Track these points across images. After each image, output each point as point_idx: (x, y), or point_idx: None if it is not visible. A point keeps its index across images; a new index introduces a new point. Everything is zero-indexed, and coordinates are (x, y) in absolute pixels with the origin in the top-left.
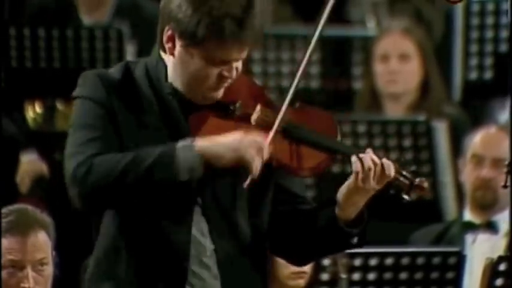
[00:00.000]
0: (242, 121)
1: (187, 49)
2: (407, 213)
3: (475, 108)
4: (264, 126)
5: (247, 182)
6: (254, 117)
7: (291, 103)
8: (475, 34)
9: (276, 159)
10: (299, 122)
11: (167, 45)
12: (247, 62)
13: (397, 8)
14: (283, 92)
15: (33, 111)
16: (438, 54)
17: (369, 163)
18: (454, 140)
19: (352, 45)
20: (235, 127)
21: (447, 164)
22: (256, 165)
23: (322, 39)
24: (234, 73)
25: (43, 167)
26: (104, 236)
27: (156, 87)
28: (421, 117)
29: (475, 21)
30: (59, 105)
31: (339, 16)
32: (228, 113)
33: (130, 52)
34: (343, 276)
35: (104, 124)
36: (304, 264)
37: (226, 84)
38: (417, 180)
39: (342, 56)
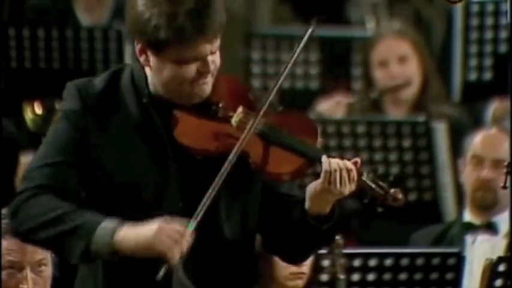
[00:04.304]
0: (223, 122)
1: (158, 57)
2: (407, 213)
3: (475, 109)
4: (244, 128)
5: (162, 271)
6: (235, 119)
7: (275, 107)
8: (474, 35)
9: (255, 163)
10: (280, 126)
11: (141, 59)
12: (247, 63)
13: (397, 8)
14: (283, 93)
15: (32, 112)
16: (438, 55)
17: (335, 165)
18: (454, 141)
19: (351, 46)
20: (215, 128)
21: (447, 165)
22: (173, 255)
23: (322, 39)
24: (211, 67)
25: None
26: None
27: (140, 93)
28: (421, 118)
29: (474, 22)
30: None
31: (338, 17)
32: (209, 114)
33: (129, 53)
34: (342, 276)
35: (70, 147)
36: (298, 261)
37: (208, 79)
38: (392, 191)
39: (341, 56)
